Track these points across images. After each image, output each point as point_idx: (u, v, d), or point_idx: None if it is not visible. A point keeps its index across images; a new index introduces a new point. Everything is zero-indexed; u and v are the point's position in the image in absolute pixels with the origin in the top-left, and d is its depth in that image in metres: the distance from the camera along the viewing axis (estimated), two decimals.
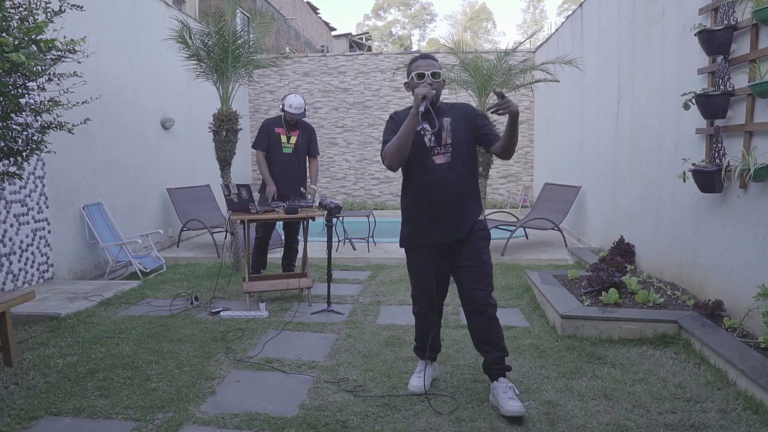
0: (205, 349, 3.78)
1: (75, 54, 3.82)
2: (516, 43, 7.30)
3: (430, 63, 2.88)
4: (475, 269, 2.87)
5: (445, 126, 2.87)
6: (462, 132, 2.87)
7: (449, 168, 2.84)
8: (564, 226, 8.11)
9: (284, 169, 5.47)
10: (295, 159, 5.51)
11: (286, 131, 5.46)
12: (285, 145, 5.46)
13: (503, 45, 49.14)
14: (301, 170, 5.60)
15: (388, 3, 48.76)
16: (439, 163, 2.84)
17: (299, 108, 5.34)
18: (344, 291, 5.35)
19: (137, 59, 7.28)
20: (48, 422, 2.80)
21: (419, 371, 3.17)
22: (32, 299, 3.88)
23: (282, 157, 5.46)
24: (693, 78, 4.37)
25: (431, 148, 2.85)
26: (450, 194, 2.84)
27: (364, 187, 11.93)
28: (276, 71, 11.61)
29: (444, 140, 2.85)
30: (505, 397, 2.78)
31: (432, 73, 2.84)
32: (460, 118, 2.90)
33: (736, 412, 2.75)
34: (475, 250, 2.89)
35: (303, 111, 5.38)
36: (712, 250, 4.12)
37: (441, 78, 2.89)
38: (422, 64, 2.88)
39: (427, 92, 2.70)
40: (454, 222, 2.88)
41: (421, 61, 2.90)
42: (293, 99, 5.35)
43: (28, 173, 5.30)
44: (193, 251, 7.38)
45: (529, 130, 11.42)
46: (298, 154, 5.53)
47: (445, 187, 2.84)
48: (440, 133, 2.85)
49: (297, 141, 5.49)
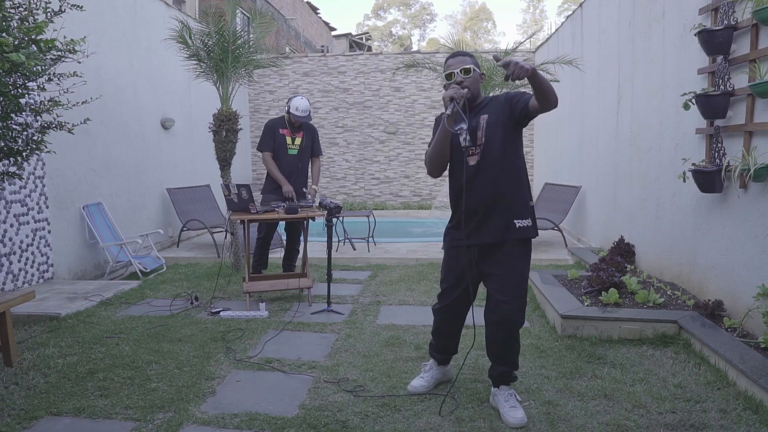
0: (205, 349, 3.78)
1: (75, 54, 3.82)
2: (516, 43, 7.31)
3: (460, 60, 2.74)
4: (501, 278, 2.71)
5: (481, 124, 2.71)
6: (499, 127, 2.68)
7: (480, 169, 2.70)
8: (564, 226, 8.11)
9: (290, 171, 5.46)
10: (300, 160, 5.51)
11: (291, 132, 5.46)
12: (290, 147, 5.46)
13: (503, 45, 49.15)
14: (305, 170, 5.62)
15: (388, 3, 48.76)
16: (471, 165, 2.71)
17: (305, 111, 5.34)
18: (344, 291, 5.35)
19: (137, 59, 7.28)
20: (48, 422, 2.80)
21: (424, 372, 3.15)
22: (32, 299, 3.88)
23: (288, 158, 5.46)
24: (693, 78, 4.37)
25: (467, 149, 2.72)
26: (480, 196, 2.70)
27: (364, 187, 11.93)
28: (276, 71, 11.61)
29: (479, 140, 2.70)
30: (507, 406, 2.74)
31: (462, 69, 2.70)
32: (499, 111, 2.70)
33: (736, 412, 2.75)
34: (506, 258, 2.72)
35: (309, 114, 5.39)
36: (712, 250, 4.12)
37: (473, 73, 2.71)
38: (452, 62, 2.75)
39: (454, 93, 2.60)
40: (484, 224, 2.73)
41: (451, 60, 2.77)
42: (300, 102, 5.33)
43: (28, 173, 5.30)
44: (193, 251, 7.38)
45: (529, 130, 11.42)
46: (303, 155, 5.54)
47: (477, 189, 2.70)
48: (475, 133, 2.71)
49: (302, 142, 5.50)
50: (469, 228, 2.75)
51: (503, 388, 2.85)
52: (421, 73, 9.85)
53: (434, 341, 3.16)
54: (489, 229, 2.72)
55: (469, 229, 2.75)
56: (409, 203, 11.70)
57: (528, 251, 2.81)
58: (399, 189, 11.82)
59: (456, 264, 2.86)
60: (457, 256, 2.85)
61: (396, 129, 11.65)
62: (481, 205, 2.71)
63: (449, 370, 3.22)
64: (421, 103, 11.58)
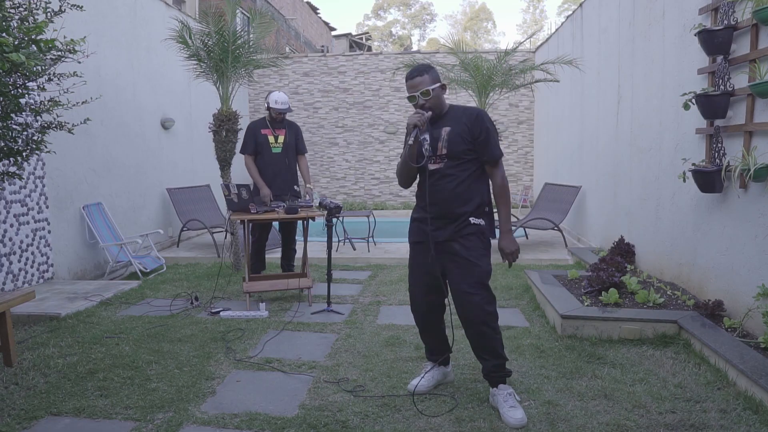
0: (205, 349, 3.78)
1: (75, 54, 3.82)
2: (516, 43, 7.31)
3: (418, 82, 2.84)
4: (462, 266, 2.83)
5: (442, 136, 2.86)
6: (460, 141, 2.84)
7: (442, 174, 2.85)
8: (564, 226, 8.11)
9: (277, 170, 5.45)
10: (285, 157, 5.50)
11: (273, 131, 5.46)
12: (274, 145, 5.45)
13: (503, 45, 49.17)
14: (293, 168, 5.60)
15: (388, 3, 48.75)
16: (433, 169, 2.87)
17: (285, 103, 5.37)
18: (344, 291, 5.35)
19: (137, 59, 7.28)
20: (48, 422, 2.80)
21: (424, 372, 3.16)
22: (32, 299, 3.88)
23: (272, 157, 5.45)
24: (693, 78, 4.37)
25: (428, 157, 2.86)
26: (442, 196, 2.85)
27: (364, 187, 11.93)
28: (276, 71, 11.61)
29: (439, 150, 2.86)
30: (506, 406, 2.77)
31: (421, 93, 2.82)
32: (461, 128, 2.85)
33: (736, 412, 2.75)
34: (465, 250, 2.84)
35: (288, 106, 5.43)
36: (712, 250, 4.12)
37: (432, 94, 2.83)
38: (410, 84, 2.86)
39: (417, 120, 2.75)
40: (446, 222, 2.87)
41: (410, 82, 2.87)
42: (277, 95, 5.38)
43: (28, 173, 5.30)
44: (193, 251, 7.38)
45: (529, 130, 11.42)
46: (288, 152, 5.52)
47: (438, 191, 2.85)
48: (436, 144, 2.86)
49: (285, 140, 5.48)
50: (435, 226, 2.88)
51: (501, 387, 2.87)
52: None
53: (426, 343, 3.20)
54: (449, 225, 2.87)
55: (435, 226, 2.88)
56: (409, 203, 11.69)
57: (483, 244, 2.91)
58: (399, 189, 11.82)
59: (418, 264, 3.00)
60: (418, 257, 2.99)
61: (396, 129, 11.64)
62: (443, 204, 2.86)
63: (449, 372, 3.23)
64: None
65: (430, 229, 2.87)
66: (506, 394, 2.83)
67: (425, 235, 2.91)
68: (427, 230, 2.89)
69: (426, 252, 2.90)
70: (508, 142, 11.36)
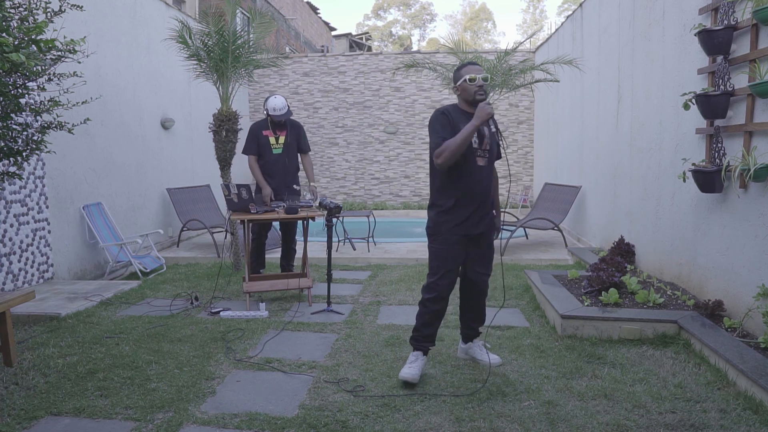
0: (205, 349, 3.78)
1: (75, 54, 3.82)
2: (516, 43, 7.31)
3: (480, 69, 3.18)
4: (486, 255, 3.33)
5: (487, 132, 3.21)
6: (494, 140, 3.27)
7: (487, 170, 3.21)
8: (564, 226, 8.11)
9: (278, 170, 5.48)
10: (286, 157, 5.52)
11: (274, 132, 5.48)
12: (275, 146, 5.48)
13: (503, 45, 49.17)
14: (293, 167, 5.61)
15: (388, 3, 48.75)
16: (480, 165, 3.17)
17: (283, 108, 5.37)
18: (344, 291, 5.35)
19: (137, 59, 7.28)
20: (48, 422, 2.80)
21: (411, 361, 3.24)
22: (32, 299, 3.88)
23: (273, 158, 5.48)
24: (693, 78, 4.37)
25: (475, 150, 3.14)
26: (485, 192, 3.21)
27: (364, 187, 11.93)
28: (276, 71, 11.61)
29: (485, 144, 3.19)
30: (485, 352, 3.44)
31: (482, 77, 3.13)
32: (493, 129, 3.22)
33: (736, 412, 2.75)
34: (489, 240, 3.34)
35: (287, 110, 5.41)
36: (712, 250, 4.12)
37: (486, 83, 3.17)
38: (475, 69, 3.16)
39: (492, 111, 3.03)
40: (483, 216, 3.24)
41: (474, 66, 3.19)
42: (275, 101, 5.36)
43: (28, 173, 5.30)
44: (193, 251, 7.38)
45: (529, 130, 11.42)
46: (289, 152, 5.54)
47: (483, 187, 3.19)
48: (482, 138, 3.18)
49: (286, 140, 5.50)
50: (475, 219, 3.21)
51: (476, 341, 3.50)
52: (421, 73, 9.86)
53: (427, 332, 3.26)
54: (485, 219, 3.27)
55: (475, 220, 3.21)
56: (409, 203, 11.70)
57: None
58: (399, 189, 11.83)
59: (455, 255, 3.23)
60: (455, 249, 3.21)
61: (396, 129, 11.65)
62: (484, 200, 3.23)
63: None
64: (421, 103, 11.58)
65: (473, 222, 3.19)
66: (481, 344, 3.51)
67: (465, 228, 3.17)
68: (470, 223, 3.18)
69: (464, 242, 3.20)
70: (508, 142, 11.36)
